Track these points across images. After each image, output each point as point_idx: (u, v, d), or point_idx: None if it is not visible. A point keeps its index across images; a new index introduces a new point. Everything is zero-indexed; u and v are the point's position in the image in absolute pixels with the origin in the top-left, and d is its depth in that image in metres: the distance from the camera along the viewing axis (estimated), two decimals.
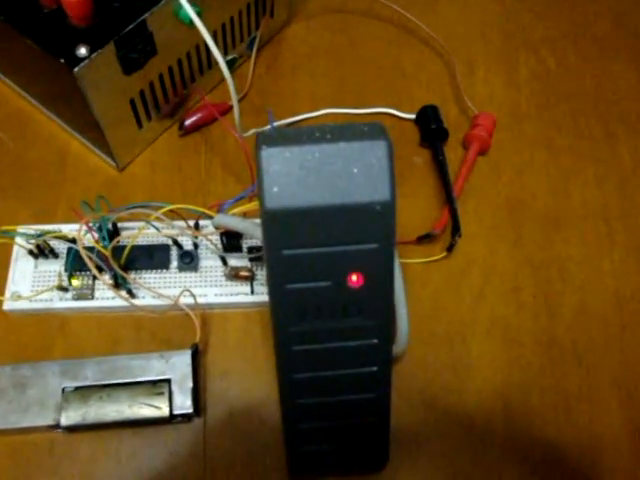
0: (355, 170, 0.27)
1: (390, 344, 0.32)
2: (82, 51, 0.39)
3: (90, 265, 0.38)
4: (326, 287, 0.29)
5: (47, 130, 0.51)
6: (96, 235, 0.41)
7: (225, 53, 0.52)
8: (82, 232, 0.40)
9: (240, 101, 0.52)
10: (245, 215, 0.41)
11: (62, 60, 0.39)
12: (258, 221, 0.40)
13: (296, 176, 0.27)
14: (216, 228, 0.41)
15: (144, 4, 0.42)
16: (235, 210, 0.41)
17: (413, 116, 0.53)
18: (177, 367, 0.40)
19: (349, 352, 0.32)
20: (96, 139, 0.48)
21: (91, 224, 0.40)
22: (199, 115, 0.50)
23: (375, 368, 0.32)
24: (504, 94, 0.56)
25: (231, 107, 0.51)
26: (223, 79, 0.51)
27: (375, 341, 0.31)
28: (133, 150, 0.49)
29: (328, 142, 0.28)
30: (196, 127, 0.51)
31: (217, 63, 0.49)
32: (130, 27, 0.41)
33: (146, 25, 0.42)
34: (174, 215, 0.43)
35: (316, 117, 0.52)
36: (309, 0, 0.60)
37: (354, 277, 0.29)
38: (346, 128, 0.29)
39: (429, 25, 0.57)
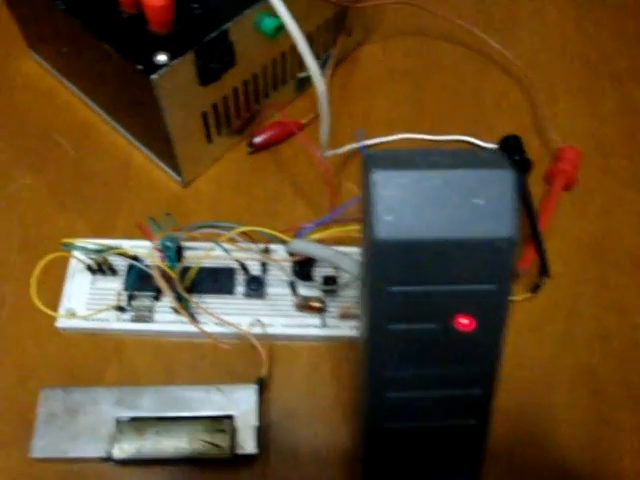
0: (477, 201, 0.24)
1: (494, 396, 0.28)
2: (161, 58, 0.37)
3: (163, 286, 0.35)
4: (432, 329, 0.26)
5: (110, 140, 0.49)
6: (161, 254, 0.38)
7: (300, 69, 0.49)
8: (149, 250, 0.38)
9: (312, 122, 0.50)
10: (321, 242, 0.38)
11: (140, 66, 0.37)
12: (342, 249, 0.36)
13: (412, 204, 0.24)
14: (290, 254, 0.38)
15: (226, 13, 0.40)
16: (314, 236, 0.38)
17: (494, 145, 0.50)
18: (241, 402, 0.37)
19: (448, 402, 0.28)
20: (162, 152, 0.46)
21: (158, 242, 0.37)
22: (270, 133, 0.48)
23: (473, 421, 0.29)
24: (588, 127, 0.52)
25: (304, 126, 0.49)
26: (294, 97, 0.49)
27: (478, 391, 0.28)
28: (199, 166, 0.47)
29: (448, 168, 0.25)
30: (266, 145, 0.48)
31: (291, 80, 0.47)
32: (212, 36, 0.39)
33: (227, 35, 0.40)
34: (242, 237, 0.40)
35: (392, 142, 0.50)
36: (385, 21, 0.57)
37: (464, 320, 0.26)
38: (465, 154, 0.26)
39: (510, 51, 0.54)
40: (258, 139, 0.47)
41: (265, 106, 0.48)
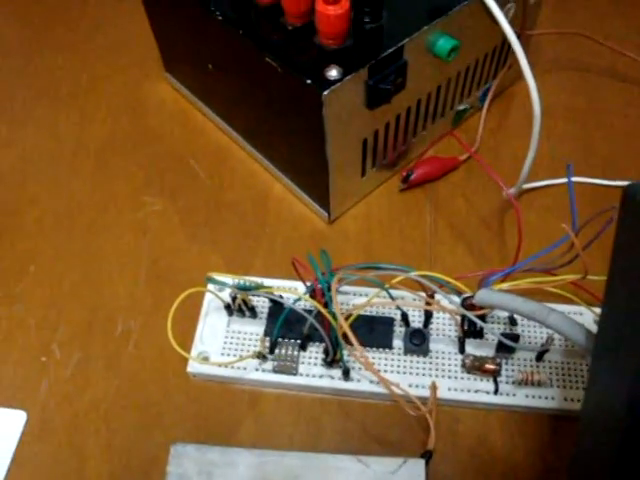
0: None
1: None
2: (333, 73, 0.33)
3: (351, 337, 0.30)
4: None
5: (247, 168, 0.45)
6: (320, 296, 0.33)
7: (460, 101, 0.44)
8: (304, 290, 0.33)
9: (468, 159, 0.45)
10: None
11: (309, 81, 0.32)
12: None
13: None
14: (472, 306, 0.33)
15: (399, 30, 0.35)
16: (501, 286, 0.32)
17: None
18: (406, 478, 0.31)
19: None
20: (309, 183, 0.41)
21: (319, 281, 0.32)
22: (427, 168, 0.43)
23: None
24: None
25: (461, 163, 0.44)
26: (448, 132, 0.44)
27: None
28: (348, 201, 0.42)
29: None
30: (420, 182, 0.43)
31: (449, 111, 0.42)
32: (388, 52, 0.34)
33: (402, 53, 0.35)
34: (409, 286, 0.34)
35: (559, 185, 0.44)
36: (544, 55, 0.52)
37: None
38: None
39: None
40: (414, 175, 0.42)
41: (421, 139, 0.43)
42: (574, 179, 0.44)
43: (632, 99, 0.50)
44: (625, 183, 0.44)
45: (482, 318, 0.35)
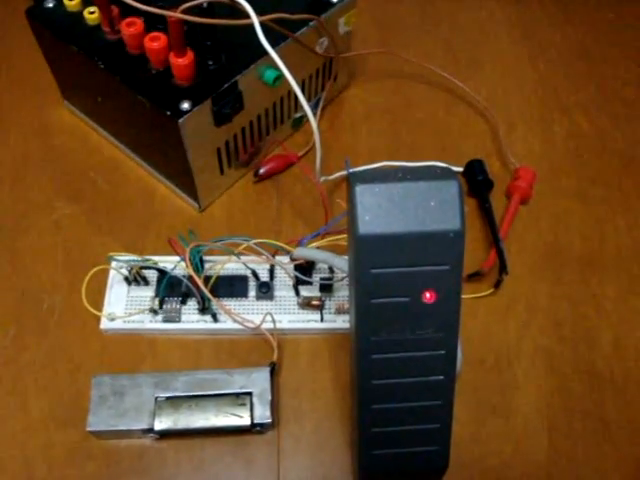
0: (432, 204, 0.33)
1: (455, 355, 0.37)
2: (185, 105, 0.46)
3: (204, 289, 0.44)
4: (404, 302, 0.35)
5: (136, 175, 0.58)
6: (190, 263, 0.46)
7: (295, 110, 0.59)
8: (178, 261, 0.46)
9: (306, 154, 0.59)
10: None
11: (169, 112, 0.46)
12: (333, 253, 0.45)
13: (384, 208, 0.33)
14: (293, 260, 0.47)
15: (235, 68, 0.49)
16: (312, 245, 0.46)
17: (461, 169, 0.59)
18: (257, 382, 0.45)
19: (421, 361, 0.37)
20: (182, 183, 0.54)
21: (188, 252, 0.46)
22: (272, 164, 0.57)
23: (442, 377, 0.37)
24: (542, 150, 0.62)
25: (300, 158, 0.58)
26: (291, 134, 0.58)
27: (442, 352, 0.36)
28: (213, 194, 0.56)
29: (410, 181, 0.34)
30: (268, 175, 0.57)
31: (288, 119, 0.56)
32: (225, 87, 0.48)
33: (237, 85, 0.49)
34: (253, 251, 0.49)
35: (374, 169, 0.58)
36: (367, 66, 0.67)
37: (428, 294, 0.35)
38: (423, 170, 0.35)
39: (474, 89, 0.64)
40: (262, 170, 0.56)
41: (267, 142, 0.58)
42: (386, 163, 0.59)
43: (433, 98, 0.65)
44: (423, 163, 0.60)
45: (309, 269, 0.49)
